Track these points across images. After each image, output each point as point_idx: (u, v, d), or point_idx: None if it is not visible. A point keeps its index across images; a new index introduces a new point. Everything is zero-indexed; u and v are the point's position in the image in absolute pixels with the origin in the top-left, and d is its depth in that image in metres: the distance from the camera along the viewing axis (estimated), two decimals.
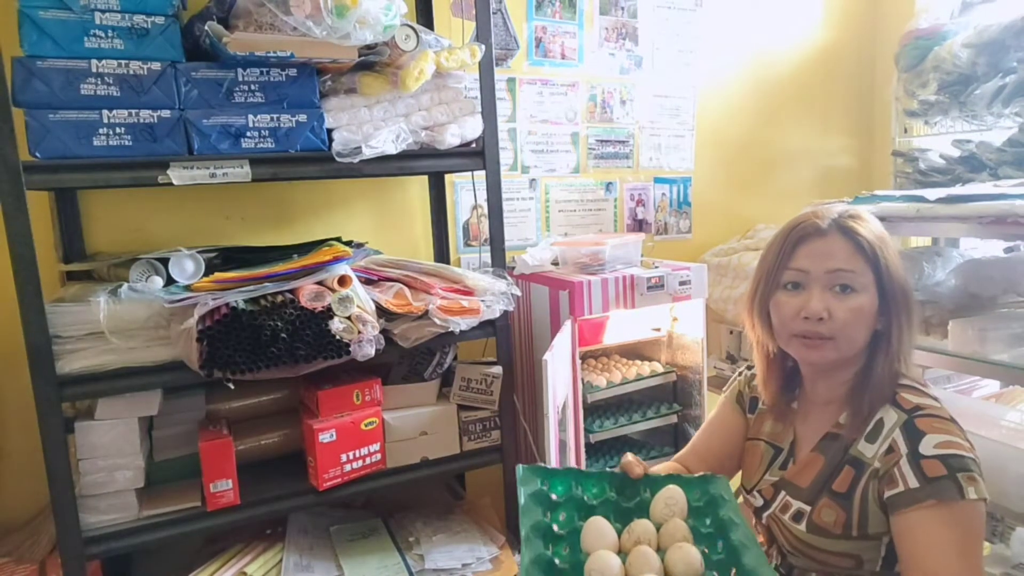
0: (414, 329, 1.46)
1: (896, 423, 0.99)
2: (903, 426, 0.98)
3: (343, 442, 1.45)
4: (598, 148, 2.21)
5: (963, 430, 0.98)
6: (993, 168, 1.93)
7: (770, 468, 1.15)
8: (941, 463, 0.93)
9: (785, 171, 2.58)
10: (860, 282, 1.02)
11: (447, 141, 1.49)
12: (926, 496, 0.92)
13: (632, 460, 1.08)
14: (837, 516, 1.01)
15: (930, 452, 0.94)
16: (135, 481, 1.32)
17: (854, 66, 2.66)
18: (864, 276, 1.02)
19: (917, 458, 0.95)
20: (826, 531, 1.02)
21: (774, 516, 1.10)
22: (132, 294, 1.27)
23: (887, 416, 1.01)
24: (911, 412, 0.99)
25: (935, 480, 0.92)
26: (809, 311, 1.02)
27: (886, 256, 1.02)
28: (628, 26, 2.21)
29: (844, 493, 1.01)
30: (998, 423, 1.59)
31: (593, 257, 1.79)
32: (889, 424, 1.00)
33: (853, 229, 1.03)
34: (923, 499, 0.92)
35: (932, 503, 0.92)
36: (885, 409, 1.02)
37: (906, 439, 0.97)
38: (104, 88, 1.22)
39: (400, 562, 1.47)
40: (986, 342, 1.50)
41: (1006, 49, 1.90)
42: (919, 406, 1.00)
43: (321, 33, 1.25)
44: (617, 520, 1.00)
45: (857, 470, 1.01)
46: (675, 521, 0.94)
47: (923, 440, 0.95)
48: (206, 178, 1.29)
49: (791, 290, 1.06)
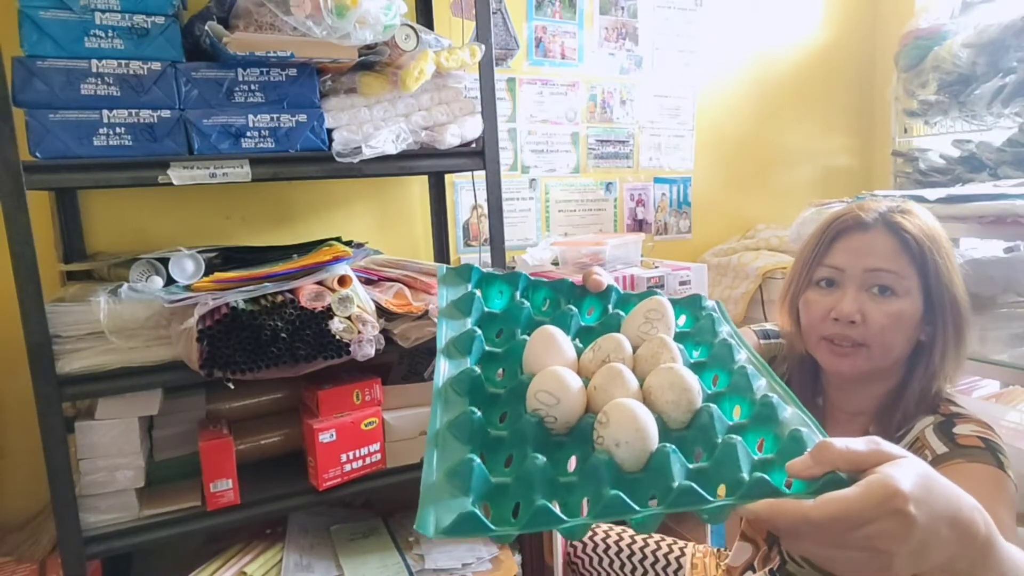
0: (414, 329, 1.46)
1: (927, 425, 0.91)
2: (936, 426, 0.90)
3: (343, 442, 1.45)
4: (598, 148, 2.21)
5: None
6: (993, 168, 1.93)
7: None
8: (977, 438, 0.85)
9: (785, 171, 2.58)
10: (903, 285, 0.91)
11: (447, 141, 1.49)
12: (955, 457, 0.83)
13: (596, 271, 0.83)
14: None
15: (965, 432, 0.86)
16: (135, 481, 1.32)
17: (854, 66, 2.66)
18: (908, 279, 0.91)
19: (952, 436, 0.87)
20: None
21: None
22: (132, 294, 1.27)
23: (920, 423, 0.93)
24: (948, 416, 0.92)
25: (968, 448, 0.83)
26: (840, 312, 0.91)
27: (937, 258, 0.91)
28: (628, 26, 2.21)
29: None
30: (998, 423, 1.59)
31: (593, 257, 1.79)
32: (919, 428, 0.92)
33: (900, 225, 0.92)
34: (951, 459, 0.83)
35: (960, 462, 0.82)
36: (920, 420, 0.93)
37: (937, 431, 0.89)
38: (104, 88, 1.21)
39: (400, 562, 1.47)
40: (986, 342, 1.49)
41: (1006, 49, 1.90)
42: (959, 413, 0.92)
43: (321, 33, 1.25)
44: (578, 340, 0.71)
45: None
46: (660, 338, 0.64)
47: (957, 427, 0.88)
48: (206, 178, 1.29)
49: (824, 288, 0.96)
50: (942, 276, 0.92)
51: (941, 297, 0.91)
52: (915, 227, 0.92)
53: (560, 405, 0.54)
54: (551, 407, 0.54)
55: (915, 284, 0.91)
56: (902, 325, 0.91)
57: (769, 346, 1.17)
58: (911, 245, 0.91)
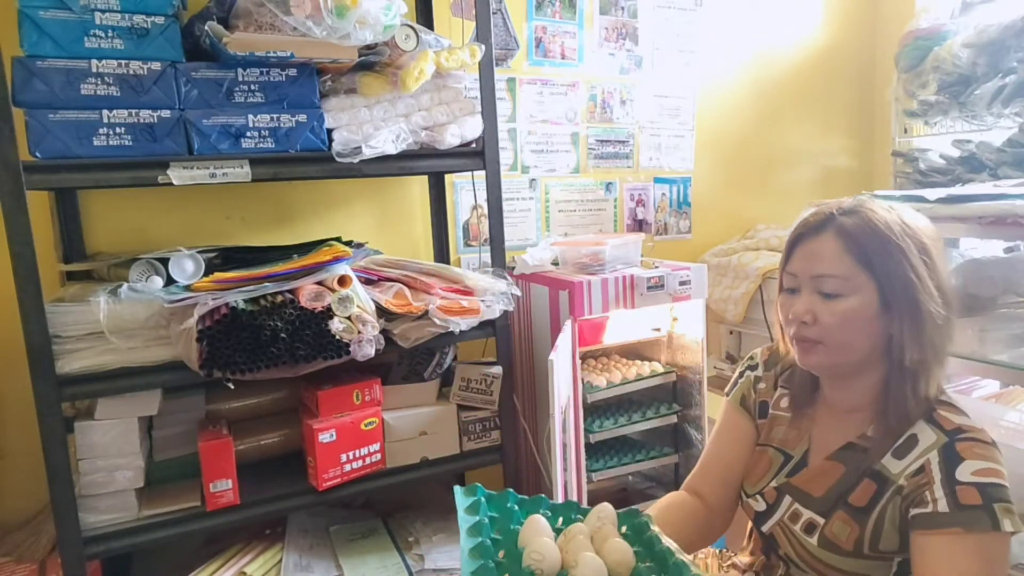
0: (414, 329, 1.46)
1: (934, 444, 0.93)
2: (942, 449, 0.92)
3: (343, 442, 1.45)
4: (598, 148, 2.21)
5: (1000, 454, 0.92)
6: (993, 168, 1.93)
7: (777, 475, 1.09)
8: (978, 491, 0.88)
9: (785, 171, 2.58)
10: (849, 286, 0.95)
11: (447, 141, 1.49)
12: (955, 523, 0.88)
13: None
14: (851, 531, 0.97)
15: (967, 479, 0.89)
16: (135, 481, 1.32)
17: (854, 66, 2.66)
18: (854, 278, 0.95)
19: (953, 484, 0.89)
20: (838, 547, 0.98)
21: (782, 524, 1.06)
22: (132, 294, 1.27)
23: (922, 434, 0.95)
24: (952, 434, 0.93)
25: (968, 508, 0.87)
26: (794, 313, 0.99)
27: (887, 254, 0.94)
28: (628, 26, 2.21)
29: (862, 508, 0.97)
30: (998, 423, 1.59)
31: (593, 257, 1.79)
32: (925, 443, 0.94)
33: (843, 226, 0.97)
34: (950, 525, 0.88)
35: (959, 531, 0.87)
36: (920, 426, 0.96)
37: (943, 463, 0.91)
38: (104, 88, 1.22)
39: (400, 562, 1.47)
40: (986, 342, 1.49)
41: (1006, 49, 1.90)
42: (961, 428, 0.93)
43: (321, 33, 1.25)
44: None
45: (880, 485, 0.96)
46: (607, 526, 0.94)
47: (961, 466, 0.90)
48: (206, 178, 1.29)
49: (788, 293, 1.03)
50: (893, 268, 0.94)
51: (893, 288, 0.94)
52: (861, 225, 0.96)
53: (544, 560, 0.84)
54: (539, 562, 0.84)
55: (864, 281, 0.95)
56: (854, 322, 0.95)
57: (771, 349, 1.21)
58: (854, 246, 0.95)
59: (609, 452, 1.94)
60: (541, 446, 1.79)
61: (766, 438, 1.14)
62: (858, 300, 0.95)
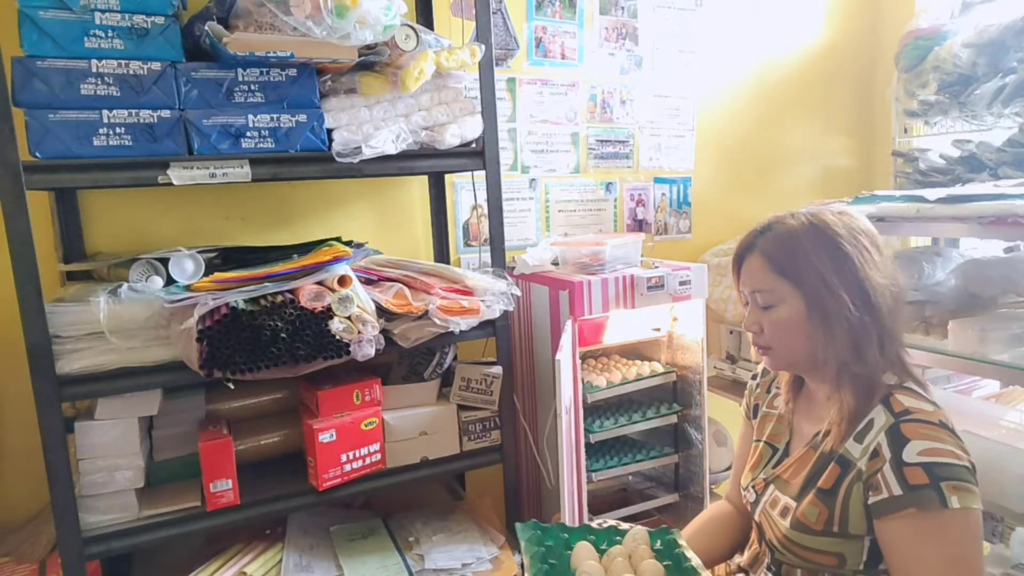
0: (414, 329, 1.46)
1: (883, 426, 0.99)
2: (888, 430, 0.98)
3: (343, 442, 1.45)
4: (598, 148, 2.21)
5: (956, 436, 0.97)
6: (993, 168, 1.93)
7: (765, 467, 1.17)
8: (924, 471, 0.92)
9: (785, 171, 2.58)
10: (776, 296, 1.06)
11: (447, 141, 1.49)
12: (907, 504, 0.92)
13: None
14: (820, 512, 1.02)
15: (913, 459, 0.94)
16: (135, 481, 1.32)
17: (854, 66, 2.66)
18: (780, 289, 1.05)
19: (900, 465, 0.94)
20: (808, 527, 1.03)
21: (765, 511, 1.12)
22: (132, 294, 1.27)
23: (877, 417, 1.01)
24: (899, 416, 0.99)
25: (916, 488, 0.92)
26: (745, 324, 1.12)
27: (798, 262, 1.03)
28: (628, 26, 2.21)
29: (828, 490, 1.02)
30: (998, 423, 1.59)
31: (593, 257, 1.79)
32: (877, 426, 1.00)
33: (761, 247, 1.08)
34: (904, 507, 0.93)
35: (913, 511, 0.92)
36: (877, 410, 1.01)
37: (890, 444, 0.97)
38: (104, 88, 1.22)
39: (400, 562, 1.47)
40: (986, 342, 1.49)
41: (1006, 49, 1.90)
42: (908, 410, 0.99)
43: (321, 33, 1.25)
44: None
45: (843, 468, 1.01)
46: (641, 548, 1.08)
47: (907, 446, 0.95)
48: (206, 178, 1.29)
49: (745, 307, 1.14)
50: (804, 274, 1.03)
51: (810, 294, 1.03)
52: (775, 239, 1.07)
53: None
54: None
55: (789, 291, 1.04)
56: (788, 328, 1.05)
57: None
58: (772, 260, 1.06)
59: (609, 452, 1.94)
60: (541, 446, 1.79)
61: (759, 434, 1.23)
62: (787, 308, 1.05)
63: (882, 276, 1.02)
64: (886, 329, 1.02)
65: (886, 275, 1.03)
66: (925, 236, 2.17)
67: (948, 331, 1.57)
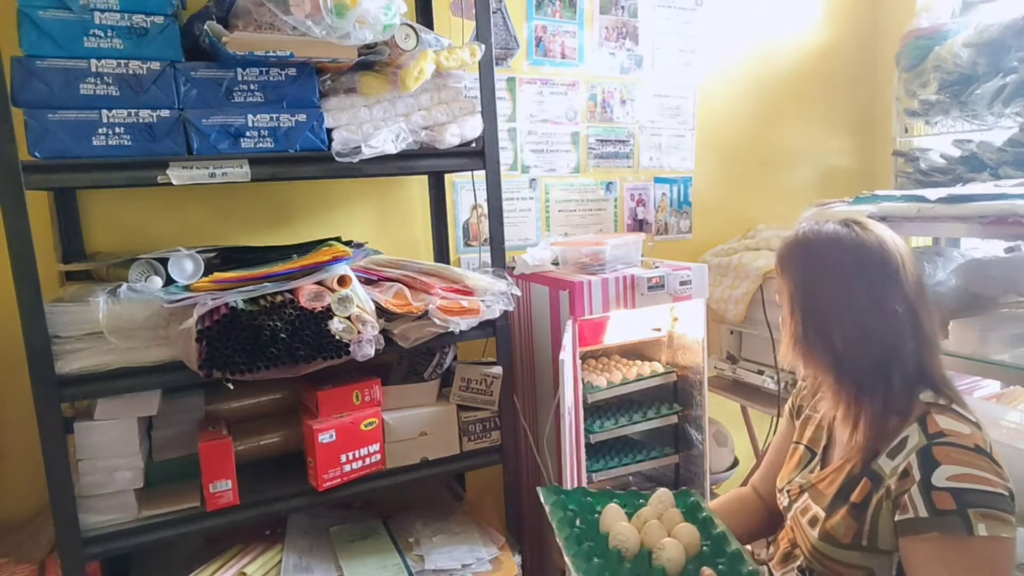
0: (414, 329, 1.46)
1: (915, 446, 0.96)
2: (920, 451, 0.95)
3: (343, 442, 1.44)
4: (598, 148, 2.21)
5: (993, 461, 0.93)
6: (994, 168, 1.93)
7: (802, 471, 1.16)
8: (952, 496, 0.90)
9: (785, 171, 2.58)
10: (780, 295, 1.12)
11: (447, 141, 1.49)
12: (931, 528, 0.90)
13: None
14: (848, 526, 1.00)
15: (942, 484, 0.91)
16: (134, 481, 1.32)
17: (855, 66, 2.65)
18: (783, 289, 1.10)
19: (929, 488, 0.92)
20: (836, 540, 1.01)
21: (795, 517, 1.12)
22: (131, 294, 1.27)
23: (911, 436, 0.98)
24: (932, 437, 0.96)
25: (943, 513, 0.90)
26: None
27: (792, 266, 1.08)
28: (628, 25, 2.21)
29: (859, 504, 1.00)
30: (998, 423, 1.59)
31: (593, 257, 1.79)
32: (911, 445, 0.97)
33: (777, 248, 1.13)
34: (927, 530, 0.91)
35: (935, 535, 0.90)
36: (912, 428, 0.98)
37: (920, 466, 0.94)
38: (103, 88, 1.21)
39: (400, 563, 1.47)
40: (987, 342, 1.49)
41: (1007, 49, 1.90)
42: (943, 432, 0.95)
43: (321, 33, 1.25)
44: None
45: (874, 483, 0.99)
46: (671, 511, 1.13)
47: (937, 470, 0.92)
48: (205, 178, 1.28)
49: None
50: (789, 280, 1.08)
51: (792, 296, 1.08)
52: (784, 245, 1.12)
53: (629, 541, 1.05)
54: (624, 542, 1.05)
55: (785, 292, 1.10)
56: (785, 326, 1.11)
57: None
58: (777, 263, 1.12)
59: (609, 452, 1.93)
60: (541, 446, 1.79)
61: (799, 436, 1.22)
62: (785, 309, 1.10)
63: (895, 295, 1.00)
64: (908, 349, 1.00)
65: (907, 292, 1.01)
66: (926, 236, 2.17)
67: (949, 331, 1.56)
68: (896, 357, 1.00)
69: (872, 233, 1.04)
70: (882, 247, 1.02)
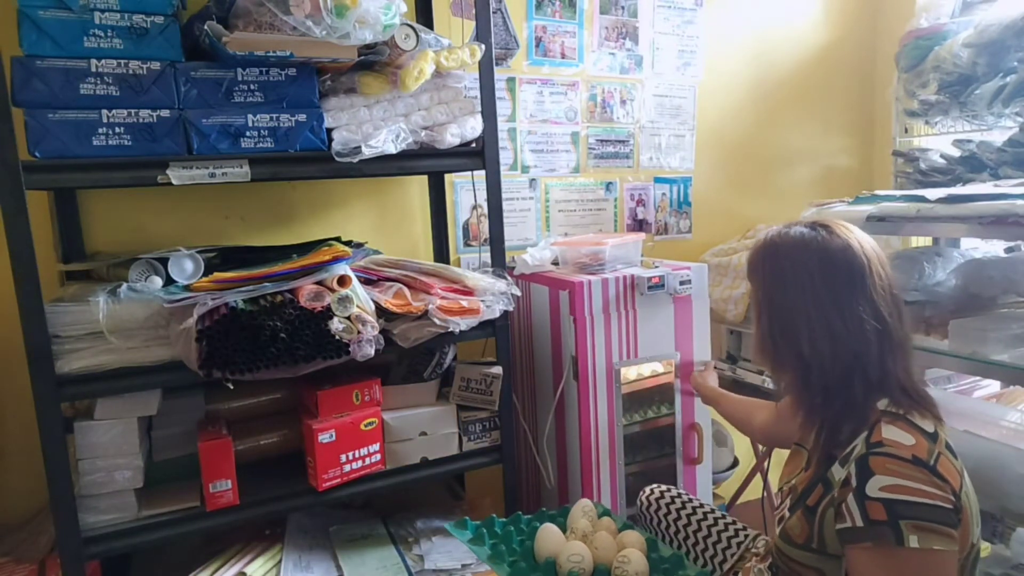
0: (414, 329, 1.46)
1: (857, 455, 0.96)
2: (857, 460, 0.95)
3: (342, 442, 1.45)
4: (598, 148, 2.21)
5: (932, 474, 0.90)
6: (994, 168, 1.93)
7: (799, 474, 1.15)
8: (883, 507, 0.89)
9: (785, 171, 2.58)
10: (751, 298, 1.15)
11: (447, 141, 1.49)
12: (864, 537, 0.91)
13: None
14: (802, 528, 1.02)
15: (874, 494, 0.91)
16: (134, 481, 1.32)
17: (854, 66, 2.65)
18: (752, 292, 1.12)
19: (863, 498, 0.92)
20: (791, 540, 1.03)
21: (775, 517, 1.14)
22: (131, 294, 1.27)
23: (859, 445, 0.97)
24: (871, 447, 0.95)
25: (875, 523, 0.90)
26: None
27: (760, 268, 1.08)
28: (628, 25, 2.21)
29: (812, 508, 1.01)
30: (998, 423, 1.59)
31: (593, 257, 1.79)
32: (855, 454, 0.97)
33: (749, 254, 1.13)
34: (863, 540, 0.91)
35: (869, 545, 0.90)
36: (862, 436, 0.98)
37: (857, 474, 0.94)
38: (103, 88, 1.21)
39: (400, 562, 1.47)
40: (986, 342, 1.49)
41: (1007, 49, 1.90)
42: (882, 442, 0.94)
43: (321, 33, 1.25)
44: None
45: (825, 489, 1.00)
46: (604, 519, 1.14)
47: (871, 480, 0.92)
48: (205, 178, 1.28)
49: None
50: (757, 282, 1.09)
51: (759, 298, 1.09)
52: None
53: (584, 561, 1.02)
54: (579, 563, 1.01)
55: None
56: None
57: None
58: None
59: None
60: (541, 446, 1.79)
61: (800, 439, 1.19)
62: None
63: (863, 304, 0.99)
64: (873, 356, 0.99)
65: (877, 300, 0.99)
66: (926, 236, 2.17)
67: (948, 331, 1.56)
68: (860, 364, 0.99)
69: (839, 237, 1.02)
70: (847, 251, 1.00)
